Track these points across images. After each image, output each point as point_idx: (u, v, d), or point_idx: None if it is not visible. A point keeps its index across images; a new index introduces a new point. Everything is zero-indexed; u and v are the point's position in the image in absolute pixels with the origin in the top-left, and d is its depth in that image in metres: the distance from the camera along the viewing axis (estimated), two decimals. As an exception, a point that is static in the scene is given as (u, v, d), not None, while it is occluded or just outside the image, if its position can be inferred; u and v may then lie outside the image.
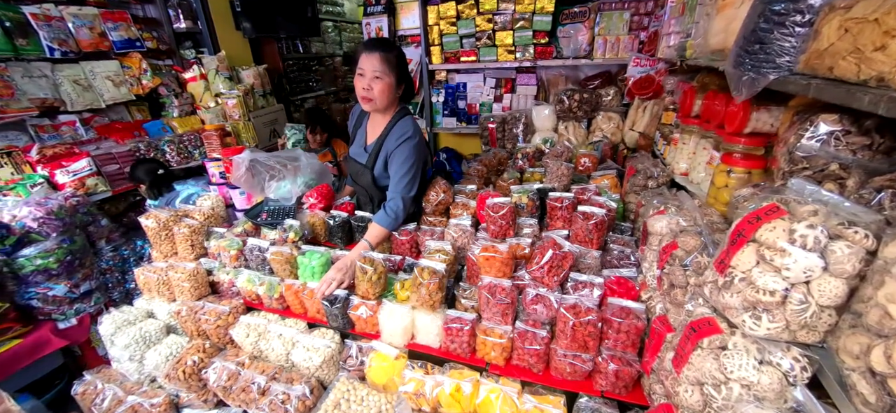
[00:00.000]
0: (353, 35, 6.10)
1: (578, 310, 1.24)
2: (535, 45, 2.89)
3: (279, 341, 1.56)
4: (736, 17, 1.28)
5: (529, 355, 1.32)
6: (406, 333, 1.47)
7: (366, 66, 1.72)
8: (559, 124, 2.74)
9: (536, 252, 1.42)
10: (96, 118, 2.98)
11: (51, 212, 2.14)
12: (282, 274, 1.72)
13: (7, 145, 2.55)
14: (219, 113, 3.54)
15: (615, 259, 1.55)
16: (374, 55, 1.70)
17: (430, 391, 1.32)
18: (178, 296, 1.78)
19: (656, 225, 1.24)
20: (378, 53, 1.70)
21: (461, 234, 1.72)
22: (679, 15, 1.97)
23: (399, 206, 1.77)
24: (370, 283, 1.51)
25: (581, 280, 1.36)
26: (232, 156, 2.08)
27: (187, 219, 1.90)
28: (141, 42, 3.21)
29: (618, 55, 2.69)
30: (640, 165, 1.82)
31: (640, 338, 1.23)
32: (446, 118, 3.29)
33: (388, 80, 1.73)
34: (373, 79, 1.72)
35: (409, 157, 1.80)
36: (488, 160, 2.43)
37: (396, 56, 1.76)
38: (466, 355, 1.41)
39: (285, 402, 1.36)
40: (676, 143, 1.79)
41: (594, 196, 1.70)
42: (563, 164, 2.06)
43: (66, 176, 2.46)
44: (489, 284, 1.37)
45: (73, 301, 2.26)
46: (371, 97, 1.76)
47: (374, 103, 1.78)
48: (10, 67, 2.54)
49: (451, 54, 3.11)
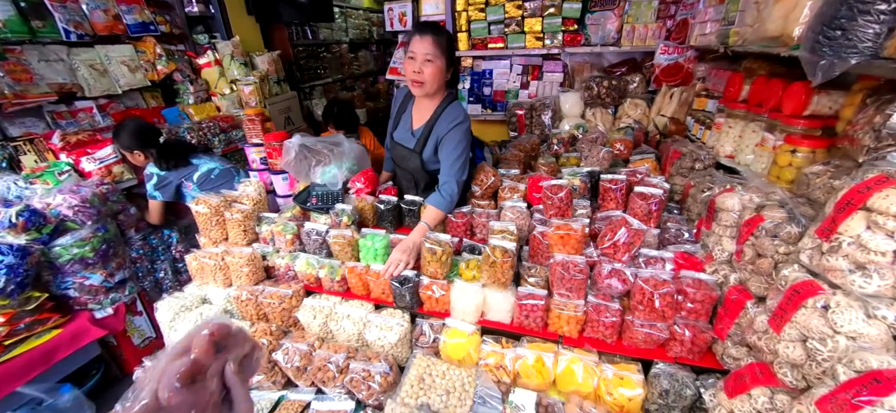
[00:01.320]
0: (359, 22, 6.02)
1: (656, 282, 1.31)
2: (564, 32, 2.93)
3: (349, 321, 1.58)
4: (798, 4, 1.35)
5: (603, 327, 1.38)
6: (477, 310, 1.51)
7: (417, 50, 1.72)
8: (587, 111, 2.80)
9: (607, 230, 1.48)
10: (112, 104, 2.89)
11: (85, 200, 2.09)
12: (342, 257, 1.73)
13: (26, 132, 2.46)
14: (235, 100, 3.47)
15: (672, 236, 1.62)
16: (426, 38, 1.70)
17: (512, 363, 1.37)
18: (235, 281, 1.77)
19: (727, 202, 1.31)
20: (430, 36, 1.70)
21: (518, 214, 1.77)
22: (717, 3, 2.05)
23: (454, 189, 1.79)
24: (439, 263, 1.54)
25: (651, 255, 1.43)
26: (275, 141, 2.06)
27: (237, 204, 1.89)
28: (155, 25, 3.11)
29: (645, 43, 2.76)
30: (685, 149, 1.90)
31: (712, 307, 1.31)
32: (471, 105, 3.32)
33: (439, 63, 1.74)
34: (424, 62, 1.72)
35: (461, 142, 1.81)
36: (523, 145, 2.48)
37: (447, 40, 1.77)
38: (539, 329, 1.46)
39: (368, 379, 1.39)
40: (720, 127, 1.87)
41: (646, 178, 1.77)
42: (603, 149, 2.13)
43: (92, 163, 2.39)
44: (563, 261, 1.43)
45: (109, 290, 2.23)
46: (422, 80, 1.75)
47: (425, 87, 1.78)
48: (27, 51, 2.44)
49: (478, 41, 3.13)
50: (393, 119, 2.11)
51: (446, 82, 1.88)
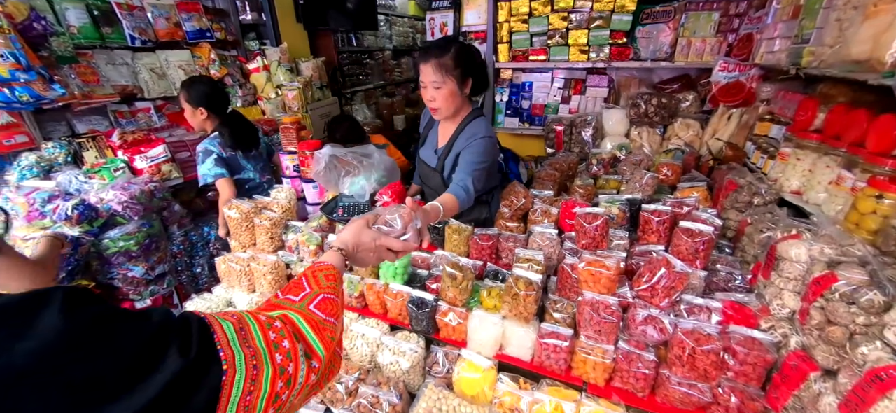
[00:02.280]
0: (403, 29, 6.10)
1: (699, 336, 1.15)
2: (611, 46, 2.76)
3: (363, 341, 1.54)
4: (893, 25, 1.14)
5: (635, 378, 1.24)
6: (496, 343, 1.42)
7: (425, 78, 1.68)
8: (632, 129, 2.61)
9: (644, 269, 1.33)
10: (168, 106, 3.08)
11: (134, 196, 2.22)
12: (362, 272, 1.70)
13: (90, 129, 2.67)
14: (279, 104, 3.60)
15: (721, 281, 1.44)
16: (428, 65, 1.64)
17: (528, 407, 1.27)
18: (257, 287, 1.80)
19: (792, 251, 1.13)
20: (431, 62, 1.64)
21: (547, 242, 1.65)
22: (789, 18, 1.82)
23: (469, 185, 1.63)
24: (458, 290, 1.46)
25: (696, 303, 1.27)
26: (308, 150, 2.08)
27: (267, 211, 1.92)
28: (211, 32, 3.30)
29: (702, 58, 2.53)
30: (743, 179, 1.70)
31: (766, 371, 1.14)
32: (508, 118, 3.21)
33: (448, 86, 1.67)
34: (433, 89, 1.68)
35: (480, 152, 1.73)
36: (559, 164, 2.34)
37: (454, 56, 1.65)
38: (561, 372, 1.34)
39: (375, 406, 1.34)
40: (786, 158, 1.65)
41: (695, 211, 1.59)
42: (646, 173, 1.95)
43: (144, 161, 2.55)
44: (592, 300, 1.30)
45: (149, 282, 2.35)
46: (436, 107, 1.73)
47: (441, 112, 1.76)
48: (96, 55, 2.65)
49: (519, 52, 3.02)
50: (421, 136, 2.10)
51: (468, 95, 1.81)
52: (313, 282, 0.76)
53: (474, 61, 1.74)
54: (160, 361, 0.41)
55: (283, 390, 0.56)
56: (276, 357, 0.56)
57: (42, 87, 2.12)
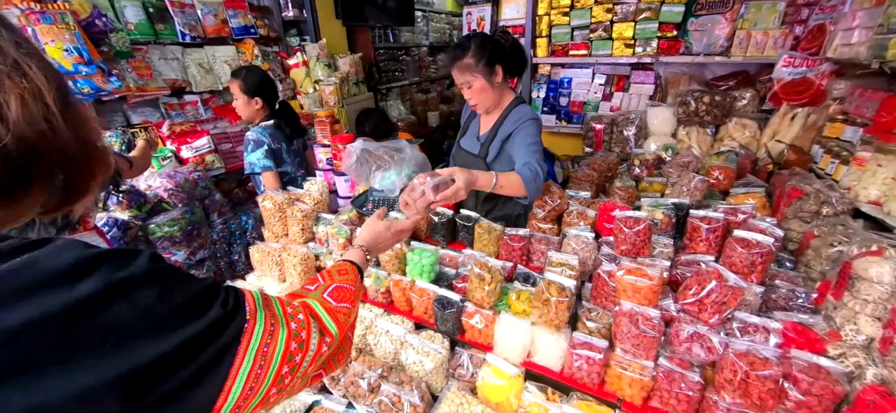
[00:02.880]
0: (440, 25, 6.08)
1: (753, 359, 1.03)
2: (660, 39, 2.59)
3: (387, 338, 1.52)
4: None
5: (676, 400, 1.13)
6: (523, 350, 1.35)
7: (457, 79, 1.76)
8: (679, 129, 2.43)
9: (691, 280, 1.21)
10: (214, 99, 3.22)
11: (179, 184, 2.33)
12: (389, 268, 1.69)
13: (143, 120, 2.83)
14: (316, 99, 3.67)
15: (782, 299, 1.29)
16: (454, 69, 1.72)
17: (556, 422, 1.19)
18: (287, 277, 1.82)
19: (873, 270, 0.98)
20: (455, 66, 1.71)
21: (583, 246, 1.56)
22: (871, 6, 1.61)
23: (534, 165, 1.58)
24: (486, 292, 1.40)
25: (751, 321, 1.14)
26: (341, 143, 2.09)
27: (299, 203, 1.95)
28: (255, 29, 3.41)
29: (763, 52, 2.30)
30: (809, 186, 1.52)
31: (835, 406, 1.00)
32: (545, 115, 3.09)
33: (479, 80, 1.71)
34: (466, 89, 1.75)
35: (533, 134, 1.71)
36: (597, 164, 2.22)
37: (473, 53, 1.67)
38: (594, 385, 1.25)
39: (396, 405, 1.31)
40: (863, 163, 1.46)
41: (751, 219, 1.44)
42: (695, 176, 1.80)
43: (189, 151, 2.67)
44: (630, 311, 1.20)
45: (190, 267, 2.46)
46: (474, 103, 1.80)
47: (480, 107, 1.82)
48: (150, 50, 2.81)
49: (559, 47, 2.90)
50: (462, 128, 2.10)
51: (503, 82, 1.78)
52: (328, 277, 0.89)
53: (498, 47, 1.71)
54: (209, 308, 0.55)
55: (296, 352, 0.66)
56: (292, 324, 0.67)
57: (101, 80, 2.27)
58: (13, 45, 0.44)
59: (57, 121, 0.45)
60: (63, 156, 0.47)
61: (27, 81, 0.44)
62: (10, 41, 0.44)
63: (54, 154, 0.46)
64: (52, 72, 0.47)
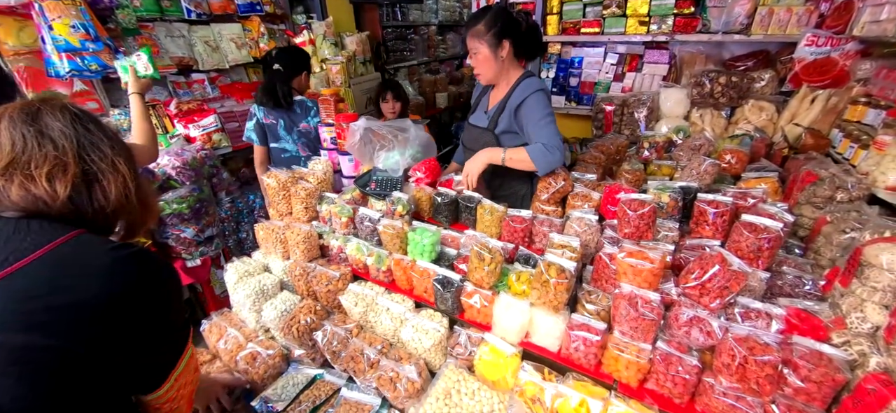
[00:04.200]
0: (449, 3, 5.94)
1: (753, 344, 1.02)
2: (676, 16, 2.48)
3: (387, 316, 1.53)
4: None
5: (672, 382, 1.13)
6: (521, 330, 1.35)
7: (468, 48, 1.81)
8: (693, 111, 2.35)
9: (694, 264, 1.19)
10: (220, 78, 3.22)
11: (186, 162, 2.36)
12: (390, 247, 1.69)
13: (151, 98, 2.85)
14: (323, 78, 3.65)
15: (787, 285, 1.26)
16: (467, 37, 1.78)
17: (551, 400, 1.19)
18: (291, 255, 1.84)
19: (884, 256, 0.95)
20: (470, 31, 1.76)
21: (586, 229, 1.54)
22: (902, -22, 1.51)
23: (546, 141, 1.65)
24: (486, 272, 1.40)
25: (753, 307, 1.12)
26: (345, 122, 2.08)
27: (303, 182, 1.95)
28: (260, 6, 3.37)
29: (785, 30, 2.20)
30: (824, 171, 1.46)
31: (834, 393, 0.98)
32: (554, 96, 3.02)
33: (481, 52, 1.75)
34: (472, 56, 1.80)
35: (542, 106, 1.72)
36: (606, 146, 2.17)
37: (487, 21, 1.71)
38: (590, 367, 1.25)
39: (395, 380, 1.33)
40: (883, 147, 1.40)
41: (761, 203, 1.40)
42: (706, 159, 1.75)
43: (197, 130, 2.69)
44: (630, 294, 1.19)
45: (199, 244, 2.50)
46: (477, 73, 1.84)
47: (483, 77, 1.85)
48: (157, 27, 2.80)
49: (569, 24, 2.81)
50: (472, 107, 2.13)
51: (510, 59, 1.80)
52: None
53: (512, 24, 1.74)
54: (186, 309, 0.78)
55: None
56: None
57: (108, 57, 2.27)
58: (110, 147, 0.81)
59: (132, 194, 0.82)
60: (132, 213, 0.85)
61: (119, 174, 0.80)
62: (108, 144, 0.81)
63: (128, 213, 0.84)
64: (132, 162, 0.85)
